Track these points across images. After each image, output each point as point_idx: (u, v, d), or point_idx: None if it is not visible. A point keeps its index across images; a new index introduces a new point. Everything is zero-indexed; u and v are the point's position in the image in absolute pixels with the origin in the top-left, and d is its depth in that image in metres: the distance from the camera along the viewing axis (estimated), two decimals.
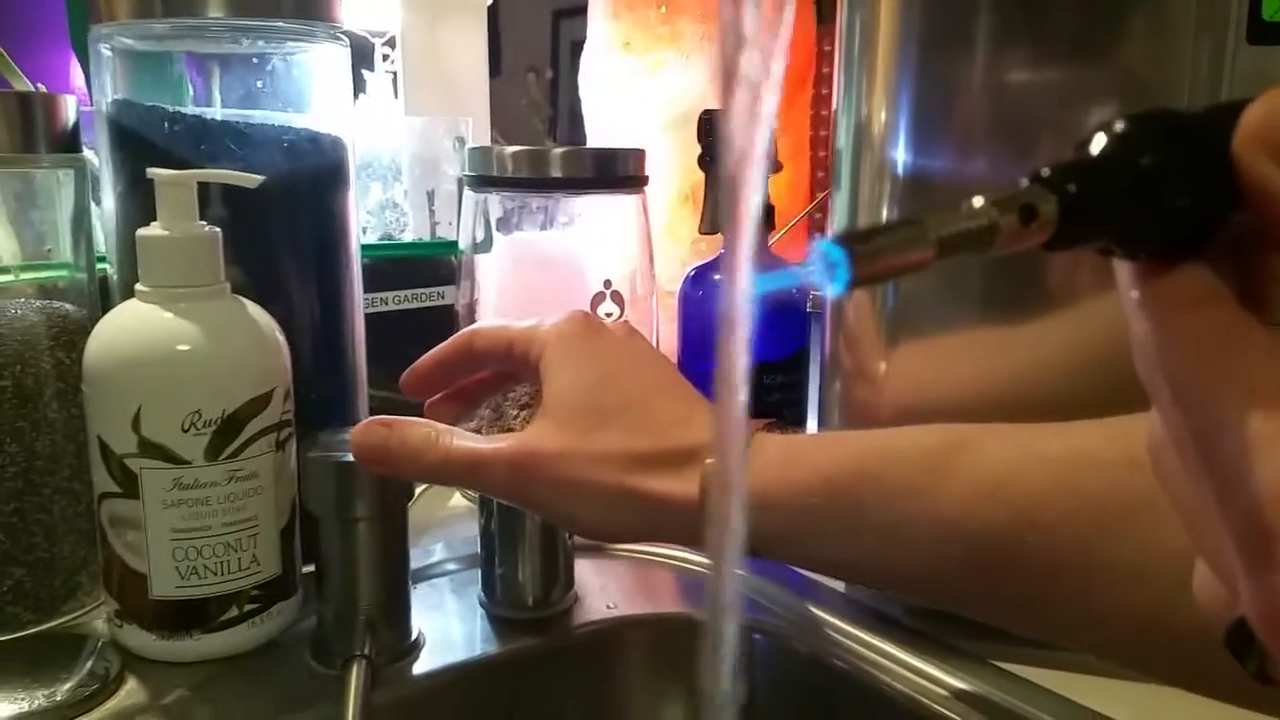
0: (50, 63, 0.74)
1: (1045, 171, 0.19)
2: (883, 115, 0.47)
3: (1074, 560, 0.34)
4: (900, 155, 0.46)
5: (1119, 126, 0.19)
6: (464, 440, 0.41)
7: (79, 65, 0.75)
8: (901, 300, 0.48)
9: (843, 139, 0.50)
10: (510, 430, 0.42)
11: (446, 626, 0.50)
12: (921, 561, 0.37)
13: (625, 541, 0.57)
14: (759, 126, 0.17)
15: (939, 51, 0.46)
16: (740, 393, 0.18)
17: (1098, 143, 0.19)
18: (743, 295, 0.18)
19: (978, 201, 0.19)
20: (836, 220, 0.51)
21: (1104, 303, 0.45)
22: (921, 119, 0.46)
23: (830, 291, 0.18)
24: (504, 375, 0.47)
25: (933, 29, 0.46)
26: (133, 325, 0.43)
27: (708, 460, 0.39)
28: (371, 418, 0.43)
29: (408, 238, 0.74)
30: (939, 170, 0.47)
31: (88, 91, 0.72)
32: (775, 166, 0.65)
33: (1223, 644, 0.20)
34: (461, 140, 0.75)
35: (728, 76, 0.17)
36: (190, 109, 0.50)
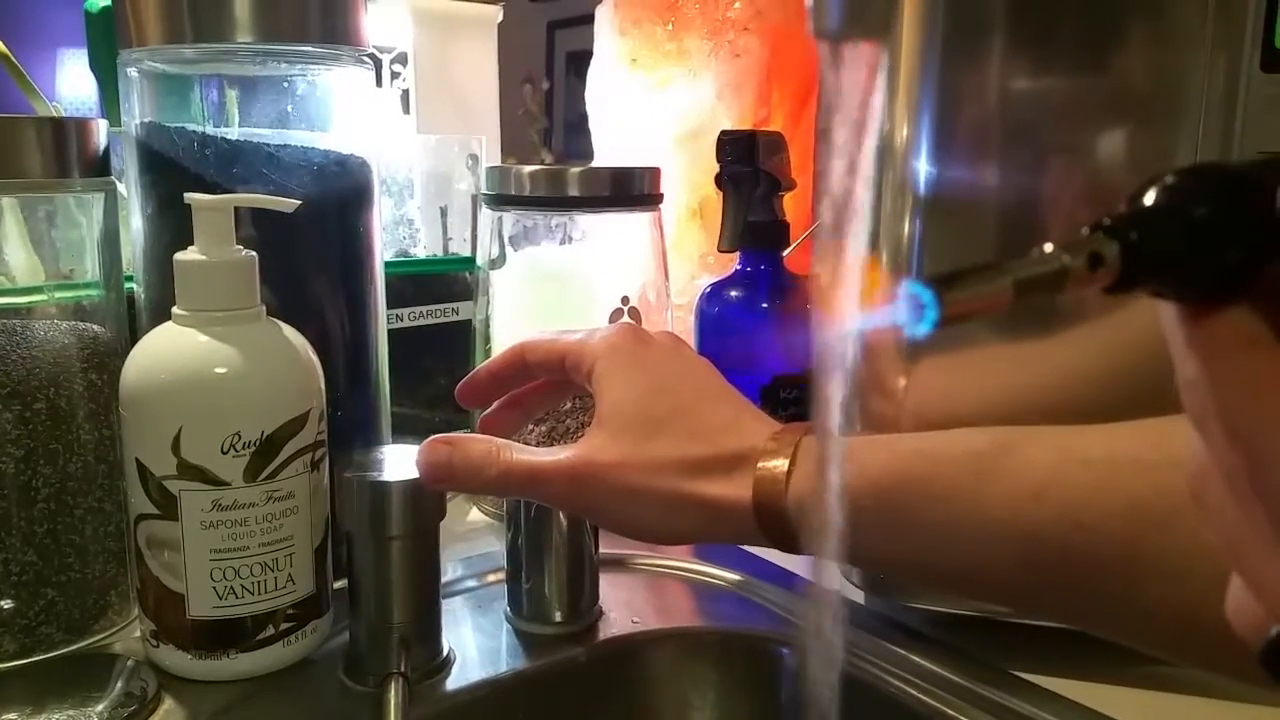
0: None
1: (1106, 221, 0.20)
2: (904, 130, 0.47)
3: (1119, 558, 0.35)
4: (923, 169, 0.47)
5: (1169, 179, 0.20)
6: (523, 454, 0.42)
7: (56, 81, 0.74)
8: None
9: None
10: (571, 439, 0.43)
11: (474, 642, 0.51)
12: (969, 560, 0.38)
13: (682, 544, 0.59)
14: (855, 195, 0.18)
15: (963, 66, 0.47)
16: (836, 424, 0.19)
17: (1150, 195, 0.20)
18: (844, 338, 0.18)
19: (1049, 247, 0.20)
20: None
21: (1126, 315, 0.46)
22: (944, 134, 0.47)
23: (918, 331, 0.19)
24: (556, 384, 0.48)
25: (956, 43, 0.46)
26: (171, 349, 0.44)
27: (760, 464, 0.40)
28: (434, 436, 0.44)
29: (420, 254, 0.75)
30: (961, 185, 0.47)
31: (100, 110, 0.72)
32: (790, 184, 0.66)
33: (1259, 661, 0.21)
34: (475, 158, 0.75)
35: (826, 141, 0.18)
36: (220, 131, 0.50)
